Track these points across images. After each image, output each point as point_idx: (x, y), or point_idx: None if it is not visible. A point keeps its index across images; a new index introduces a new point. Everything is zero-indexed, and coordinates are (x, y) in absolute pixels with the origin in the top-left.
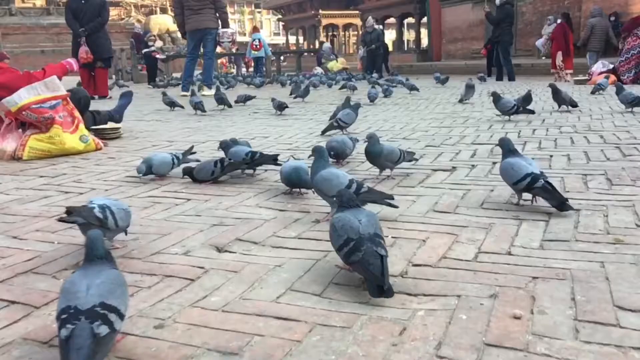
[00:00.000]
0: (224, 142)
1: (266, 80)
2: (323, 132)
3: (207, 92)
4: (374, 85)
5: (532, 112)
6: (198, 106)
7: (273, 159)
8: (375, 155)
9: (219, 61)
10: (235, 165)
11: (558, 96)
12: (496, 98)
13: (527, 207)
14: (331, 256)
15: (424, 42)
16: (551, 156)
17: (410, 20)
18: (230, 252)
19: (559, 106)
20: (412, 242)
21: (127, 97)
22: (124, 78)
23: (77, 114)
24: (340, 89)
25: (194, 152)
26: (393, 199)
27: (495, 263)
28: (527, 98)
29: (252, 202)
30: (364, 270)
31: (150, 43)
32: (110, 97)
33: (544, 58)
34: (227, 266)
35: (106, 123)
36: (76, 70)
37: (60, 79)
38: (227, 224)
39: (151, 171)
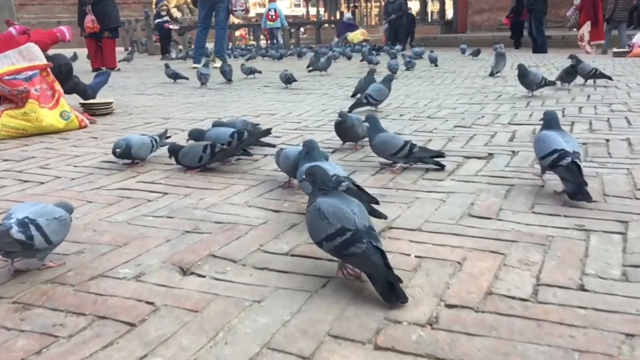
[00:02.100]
0: (195, 130)
1: (287, 52)
2: (350, 110)
3: (218, 64)
4: (394, 56)
5: (554, 83)
6: (200, 78)
7: (265, 135)
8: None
9: (239, 33)
10: (229, 152)
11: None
12: (523, 72)
13: (593, 210)
14: (332, 286)
15: (449, 13)
16: (607, 140)
17: None
18: (197, 275)
19: (593, 80)
20: (444, 266)
21: (104, 76)
22: (139, 50)
23: (58, 87)
24: (361, 61)
25: (169, 137)
26: (378, 203)
27: (564, 305)
28: (571, 70)
29: (241, 198)
30: (367, 264)
31: (162, 13)
32: (119, 70)
33: (575, 30)
34: (188, 301)
35: (79, 94)
36: (69, 40)
37: (48, 47)
38: (202, 231)
39: (130, 154)
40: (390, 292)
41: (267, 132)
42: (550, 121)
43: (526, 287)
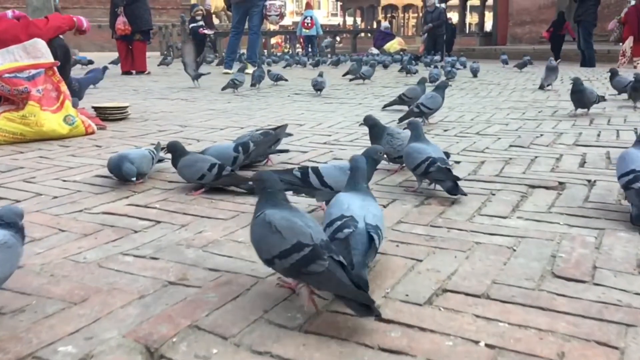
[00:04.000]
0: (173, 144)
1: (328, 60)
2: (400, 121)
3: (250, 70)
4: (435, 66)
5: (604, 99)
6: (229, 83)
7: (274, 141)
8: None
9: (274, 41)
10: (237, 179)
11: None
12: (580, 87)
13: None
14: None
15: (487, 25)
16: None
17: (474, 2)
18: None
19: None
20: None
21: (97, 72)
22: (174, 54)
23: (64, 88)
24: (399, 70)
25: (163, 148)
26: (365, 282)
27: None
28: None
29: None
30: (333, 284)
31: (197, 18)
32: (149, 73)
33: (621, 44)
34: None
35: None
36: (86, 29)
37: (64, 32)
38: (190, 283)
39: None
40: (361, 308)
41: (277, 137)
42: None
43: None
